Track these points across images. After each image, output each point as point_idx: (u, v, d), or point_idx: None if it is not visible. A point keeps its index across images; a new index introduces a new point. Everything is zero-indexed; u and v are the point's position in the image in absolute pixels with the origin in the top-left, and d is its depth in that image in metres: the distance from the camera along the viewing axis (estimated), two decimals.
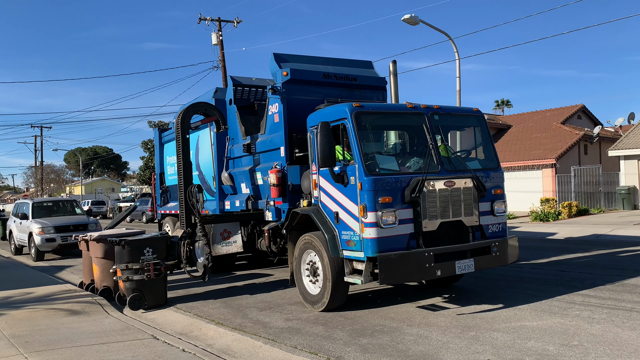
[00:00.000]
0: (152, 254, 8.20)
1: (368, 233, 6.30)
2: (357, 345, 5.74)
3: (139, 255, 8.11)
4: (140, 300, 8.13)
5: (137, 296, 8.10)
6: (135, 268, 8.07)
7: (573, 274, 9.24)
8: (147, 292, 8.17)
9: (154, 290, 8.26)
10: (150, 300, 8.21)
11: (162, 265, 8.27)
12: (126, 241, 8.11)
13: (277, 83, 8.40)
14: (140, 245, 8.15)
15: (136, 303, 8.11)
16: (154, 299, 8.27)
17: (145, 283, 8.13)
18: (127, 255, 8.10)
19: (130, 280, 8.12)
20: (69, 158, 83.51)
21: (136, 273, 8.07)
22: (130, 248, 8.09)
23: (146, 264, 8.09)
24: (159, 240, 8.40)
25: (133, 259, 8.09)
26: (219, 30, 28.15)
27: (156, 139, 14.38)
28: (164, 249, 8.48)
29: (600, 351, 5.14)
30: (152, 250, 8.22)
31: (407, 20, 17.01)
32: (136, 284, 8.11)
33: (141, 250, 8.13)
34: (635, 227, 16.23)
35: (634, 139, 24.16)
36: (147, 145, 50.94)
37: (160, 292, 8.40)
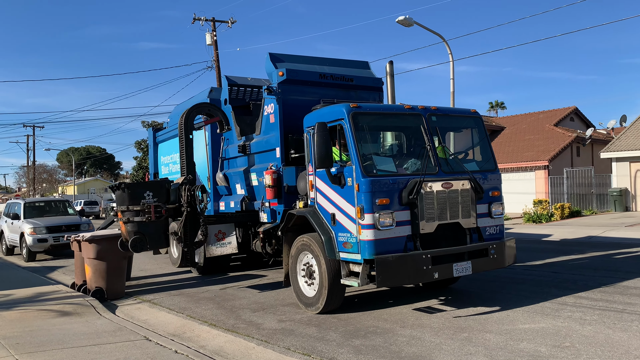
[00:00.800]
0: (153, 198, 8.35)
1: (365, 235, 6.26)
2: (350, 346, 5.74)
3: (140, 199, 8.24)
4: (142, 242, 8.22)
5: (138, 239, 8.19)
6: (136, 210, 8.19)
7: (565, 275, 9.29)
8: (149, 235, 8.29)
9: (155, 233, 8.37)
10: (152, 244, 8.34)
11: (162, 208, 8.36)
12: (126, 184, 8.36)
13: (273, 83, 8.36)
14: (140, 189, 8.35)
15: (138, 245, 8.20)
16: (156, 242, 8.38)
17: (147, 225, 8.20)
18: (127, 198, 8.22)
19: (132, 222, 8.22)
20: (62, 158, 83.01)
21: (137, 215, 8.19)
22: (130, 191, 8.26)
23: (147, 206, 8.21)
24: (159, 184, 8.61)
25: (134, 202, 8.22)
26: (213, 30, 28.09)
27: (150, 139, 14.31)
28: (164, 193, 8.57)
29: (592, 352, 5.18)
30: (152, 194, 8.38)
31: (402, 22, 17.06)
32: (137, 226, 8.21)
33: (141, 193, 8.31)
34: (627, 229, 16.35)
35: (625, 141, 24.36)
36: (140, 145, 50.70)
37: (160, 236, 8.50)
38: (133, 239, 8.10)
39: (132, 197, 8.18)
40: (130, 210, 8.16)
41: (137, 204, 8.17)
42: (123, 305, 8.62)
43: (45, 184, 73.99)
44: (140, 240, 8.13)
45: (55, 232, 15.42)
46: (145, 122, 49.61)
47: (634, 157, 23.50)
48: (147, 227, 8.19)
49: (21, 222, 15.97)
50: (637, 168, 23.70)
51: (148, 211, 8.17)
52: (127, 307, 8.49)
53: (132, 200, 8.18)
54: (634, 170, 23.80)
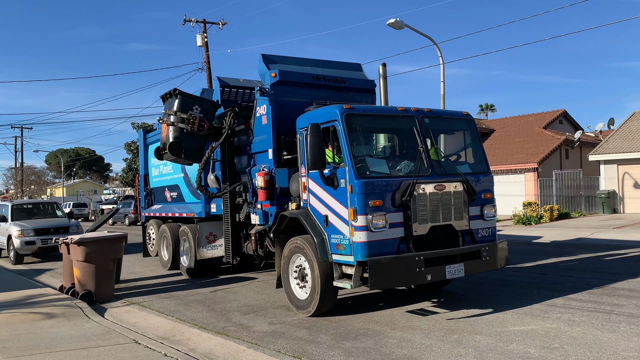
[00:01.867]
0: (200, 113, 8.79)
1: (358, 237, 6.23)
2: (340, 348, 5.73)
3: (188, 109, 8.69)
4: (180, 148, 8.67)
5: (177, 143, 8.65)
6: (182, 117, 8.63)
7: (554, 277, 9.35)
8: (186, 144, 8.72)
9: (193, 145, 8.85)
10: (187, 155, 8.81)
11: (207, 123, 8.81)
12: (180, 92, 8.77)
13: (266, 84, 8.32)
14: (191, 101, 8.80)
15: (175, 149, 8.68)
16: (191, 154, 8.89)
17: (187, 135, 8.66)
18: (178, 104, 8.68)
19: (175, 127, 8.67)
20: (51, 159, 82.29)
21: (182, 122, 8.62)
22: (182, 99, 8.70)
23: (193, 117, 8.67)
24: (208, 104, 9.08)
25: (183, 110, 8.66)
26: (204, 31, 28.00)
27: (141, 140, 14.18)
28: (211, 112, 9.05)
29: (581, 353, 5.21)
30: (200, 109, 8.83)
31: (392, 25, 17.11)
32: (179, 132, 8.69)
33: (191, 105, 8.75)
34: (615, 231, 16.52)
35: (613, 144, 24.62)
36: (130, 147, 50.40)
37: (199, 149, 8.99)
38: (172, 142, 8.59)
39: (182, 104, 8.66)
40: (177, 116, 8.62)
41: (184, 113, 8.65)
42: (112, 308, 8.54)
43: (33, 186, 73.20)
44: (178, 145, 8.62)
45: (44, 235, 15.25)
46: (135, 124, 49.32)
47: (622, 159, 23.76)
48: (187, 136, 8.71)
49: (8, 225, 15.77)
50: (625, 170, 23.97)
51: (193, 122, 8.62)
52: (116, 310, 8.41)
53: (181, 107, 8.65)
54: (621, 173, 24.06)
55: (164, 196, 12.89)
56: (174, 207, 12.23)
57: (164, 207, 12.82)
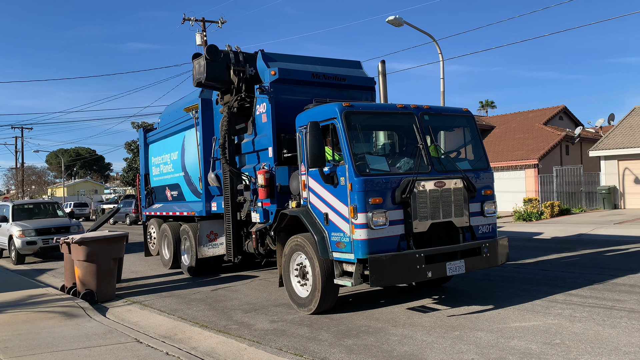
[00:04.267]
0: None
1: (358, 234, 6.23)
2: (342, 346, 5.74)
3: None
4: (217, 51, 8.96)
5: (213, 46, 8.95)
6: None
7: (555, 273, 9.35)
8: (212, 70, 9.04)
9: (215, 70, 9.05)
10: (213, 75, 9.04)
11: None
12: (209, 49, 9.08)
13: (265, 82, 8.31)
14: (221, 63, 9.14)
15: (212, 52, 8.89)
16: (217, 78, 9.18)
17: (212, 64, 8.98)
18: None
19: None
20: (51, 159, 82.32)
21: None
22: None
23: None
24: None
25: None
26: (203, 30, 27.97)
27: (141, 140, 14.18)
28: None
29: (582, 349, 5.21)
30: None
31: (392, 22, 17.08)
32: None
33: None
34: (616, 227, 16.52)
35: (613, 140, 24.60)
36: (130, 147, 50.41)
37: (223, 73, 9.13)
38: (209, 46, 8.93)
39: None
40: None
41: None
42: (113, 308, 8.55)
43: (34, 186, 73.28)
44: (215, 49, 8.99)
45: (45, 235, 15.26)
46: (135, 123, 49.36)
47: (622, 155, 23.75)
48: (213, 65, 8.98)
49: (9, 225, 15.79)
50: (625, 166, 23.95)
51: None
52: (118, 310, 8.42)
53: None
54: (622, 168, 24.05)
55: (164, 195, 12.90)
56: (174, 206, 12.24)
57: (165, 206, 12.83)
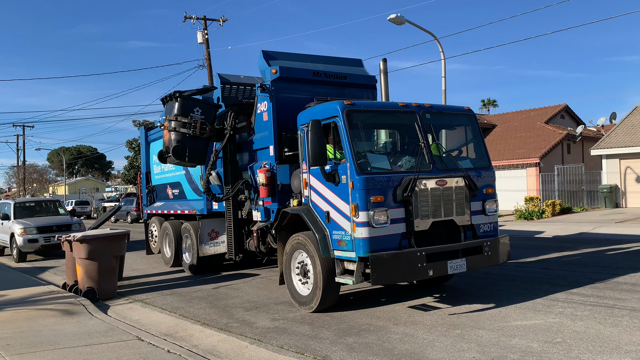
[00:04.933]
0: (201, 115, 8.60)
1: (360, 233, 6.23)
2: (343, 344, 5.74)
3: (189, 112, 8.52)
4: (183, 151, 8.50)
5: (180, 147, 8.49)
6: (184, 122, 8.48)
7: (556, 271, 9.35)
8: (190, 147, 8.57)
9: (196, 148, 8.68)
10: (191, 157, 8.65)
11: (208, 126, 8.65)
12: (181, 95, 8.59)
13: (266, 81, 8.28)
14: (192, 104, 8.60)
15: (179, 152, 8.49)
16: (195, 157, 8.72)
17: (190, 139, 8.51)
18: (178, 109, 8.49)
19: (177, 132, 8.51)
20: (52, 157, 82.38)
21: (183, 126, 8.48)
22: (182, 102, 8.52)
23: (194, 120, 8.50)
24: (209, 105, 8.83)
25: (183, 114, 8.48)
26: (205, 28, 27.97)
27: (142, 138, 14.18)
28: (212, 113, 8.85)
29: (583, 348, 5.21)
30: (201, 110, 8.63)
31: (393, 20, 17.06)
32: (181, 136, 8.52)
33: (192, 108, 8.56)
34: (617, 225, 16.49)
35: (615, 139, 24.56)
36: (131, 145, 50.41)
37: (201, 152, 8.80)
38: (175, 146, 8.44)
39: (182, 108, 8.52)
40: (178, 121, 8.49)
41: (185, 117, 8.50)
42: (115, 305, 8.57)
43: (35, 184, 73.36)
44: (181, 149, 8.47)
45: (46, 233, 15.29)
46: (136, 121, 49.37)
47: (624, 154, 23.70)
48: (189, 140, 8.57)
49: (11, 223, 15.81)
50: (627, 165, 23.91)
51: (194, 126, 8.48)
52: (119, 307, 8.44)
53: (181, 111, 8.52)
54: (623, 167, 24.01)
55: (165, 193, 12.92)
56: (175, 204, 12.25)
57: (166, 204, 12.85)
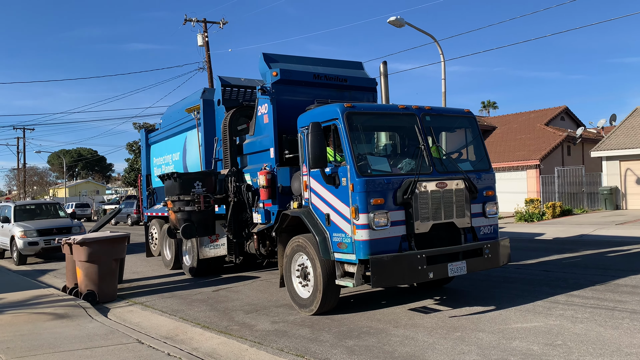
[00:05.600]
0: (202, 188, 8.65)
1: (360, 235, 6.23)
2: (343, 347, 5.73)
3: (190, 188, 8.57)
4: (192, 229, 8.53)
5: (189, 226, 8.51)
6: (187, 199, 8.53)
7: (557, 274, 9.34)
8: (197, 222, 8.59)
9: (204, 221, 8.68)
10: (200, 231, 8.64)
11: (211, 198, 8.67)
12: (178, 174, 8.64)
13: (267, 83, 8.30)
14: (191, 179, 8.63)
15: (188, 232, 8.52)
16: (203, 230, 8.70)
17: (196, 214, 8.54)
18: (178, 188, 8.53)
19: (182, 211, 8.56)
20: (53, 160, 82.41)
21: (187, 204, 8.54)
22: (182, 181, 8.55)
23: (197, 196, 8.54)
24: (207, 175, 8.83)
25: (184, 191, 8.53)
26: (205, 31, 28.00)
27: (143, 140, 14.20)
28: (212, 183, 8.85)
29: (584, 350, 5.20)
30: (201, 184, 8.66)
31: (393, 23, 17.08)
32: (188, 215, 8.55)
33: (191, 183, 8.61)
34: (618, 227, 16.48)
35: (615, 140, 24.55)
36: (132, 147, 50.49)
37: (209, 224, 8.81)
38: (184, 226, 8.48)
39: (182, 186, 8.57)
40: (181, 200, 8.56)
41: (187, 194, 8.57)
42: (115, 308, 8.56)
43: (36, 187, 73.34)
44: (190, 227, 8.51)
45: (46, 235, 15.29)
46: (136, 124, 49.43)
47: (624, 155, 23.70)
48: (196, 214, 8.61)
49: (11, 225, 15.81)
50: (627, 167, 23.90)
51: (198, 201, 8.54)
52: (119, 310, 8.43)
53: (182, 189, 8.57)
54: (623, 169, 24.00)
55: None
56: None
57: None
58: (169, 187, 8.73)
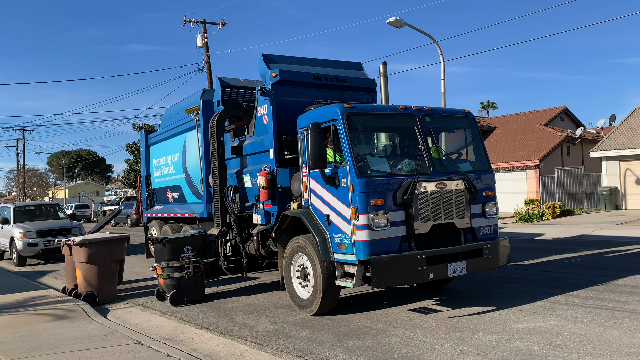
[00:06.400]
0: (192, 252, 8.43)
1: (360, 236, 6.23)
2: (343, 347, 5.73)
3: (179, 253, 8.34)
4: (181, 296, 8.32)
5: (178, 292, 8.30)
6: (176, 266, 8.30)
7: (557, 274, 9.34)
8: (187, 288, 8.37)
9: (193, 286, 8.46)
10: (189, 297, 8.41)
11: (201, 262, 8.48)
12: (167, 239, 8.38)
13: (266, 84, 8.29)
14: (180, 244, 8.40)
15: (177, 299, 8.29)
16: (193, 295, 8.48)
17: (185, 280, 8.33)
18: (167, 253, 8.30)
19: (171, 278, 8.34)
20: (52, 161, 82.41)
21: (176, 270, 8.31)
22: (171, 246, 8.33)
23: (186, 261, 8.32)
24: (198, 238, 8.62)
25: (174, 257, 8.32)
26: (204, 32, 28.02)
27: (142, 141, 14.20)
28: (202, 246, 8.67)
29: (583, 350, 5.20)
30: (191, 248, 8.44)
31: (392, 23, 17.09)
32: (177, 281, 8.32)
33: (181, 248, 8.38)
34: (617, 227, 16.49)
35: (615, 141, 24.57)
36: (131, 148, 50.46)
37: (199, 288, 8.60)
38: (172, 293, 8.27)
39: (171, 252, 8.31)
40: (170, 267, 8.31)
41: (176, 259, 8.31)
42: (115, 309, 8.55)
43: (35, 188, 73.27)
44: (178, 294, 8.32)
45: (46, 237, 15.28)
46: (136, 125, 49.35)
47: (623, 155, 23.72)
48: (185, 281, 8.37)
49: (11, 227, 15.80)
50: (627, 167, 23.92)
51: (187, 267, 8.30)
52: (119, 311, 8.43)
53: (172, 255, 8.31)
54: (623, 169, 24.02)
55: (165, 197, 12.92)
56: (175, 207, 12.25)
57: (166, 207, 12.84)
58: (157, 251, 8.48)
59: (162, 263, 8.34)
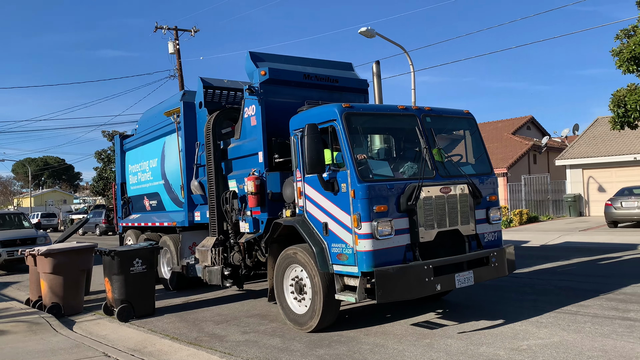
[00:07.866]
0: (142, 265, 8.10)
1: (363, 245, 5.77)
2: (314, 356, 5.67)
3: (129, 266, 8.00)
4: (129, 311, 7.97)
5: (126, 307, 7.96)
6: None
7: (524, 280, 9.56)
8: (135, 302, 8.03)
9: (143, 301, 8.13)
10: (138, 311, 8.07)
11: (149, 276, 8.17)
12: (116, 252, 8.01)
13: (255, 83, 7.78)
14: (130, 257, 8.05)
15: (125, 314, 7.93)
16: (143, 309, 8.13)
17: (133, 294, 8.00)
18: (116, 267, 7.94)
19: (119, 291, 7.99)
20: (18, 169, 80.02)
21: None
22: (119, 259, 7.95)
23: (135, 274, 8.04)
24: (147, 251, 8.29)
25: (122, 270, 7.96)
26: (176, 39, 27.68)
27: (117, 147, 13.51)
28: (152, 259, 8.34)
29: (548, 354, 5.30)
30: (141, 261, 8.12)
31: (364, 33, 17.23)
32: (124, 295, 7.98)
33: (130, 261, 8.03)
34: (581, 234, 17.02)
35: (578, 149, 25.36)
36: (100, 155, 49.30)
37: (149, 302, 8.25)
38: (120, 308, 7.96)
39: (120, 264, 8.00)
40: (118, 281, 8.03)
41: (126, 272, 8.02)
42: (81, 321, 8.29)
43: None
44: (127, 309, 8.01)
45: (9, 247, 14.79)
46: (105, 132, 48.26)
47: (586, 164, 24.49)
48: (133, 295, 8.07)
49: None
50: (590, 175, 24.70)
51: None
52: (86, 323, 8.16)
53: (120, 268, 8.00)
54: (586, 177, 24.79)
55: (142, 205, 12.33)
56: (153, 216, 11.61)
57: (143, 216, 12.17)
58: (106, 263, 8.18)
59: (110, 275, 8.01)
